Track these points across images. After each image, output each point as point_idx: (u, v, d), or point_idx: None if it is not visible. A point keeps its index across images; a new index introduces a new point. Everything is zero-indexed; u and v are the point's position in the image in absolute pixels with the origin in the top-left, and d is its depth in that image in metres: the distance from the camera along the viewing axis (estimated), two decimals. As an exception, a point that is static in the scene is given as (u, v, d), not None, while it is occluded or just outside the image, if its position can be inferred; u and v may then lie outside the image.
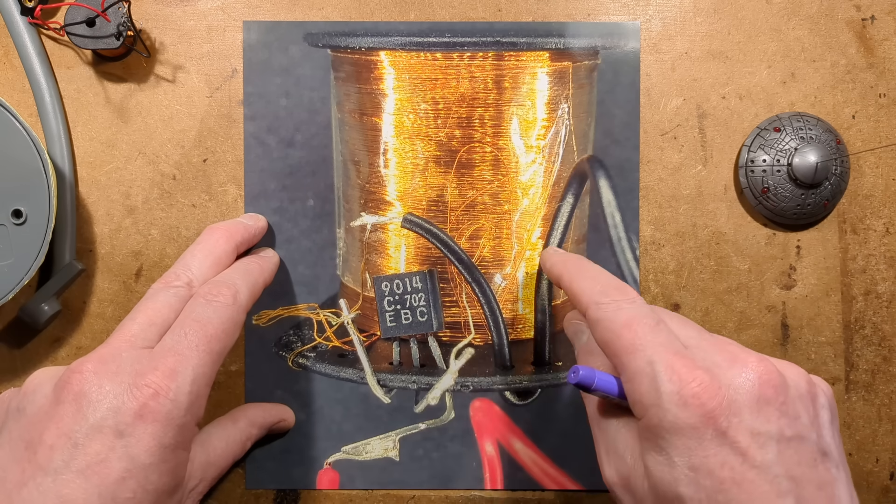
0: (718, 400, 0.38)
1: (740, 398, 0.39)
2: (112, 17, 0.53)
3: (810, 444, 0.40)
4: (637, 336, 0.41)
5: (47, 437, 0.41)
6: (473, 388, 0.58)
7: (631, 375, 0.41)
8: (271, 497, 0.57)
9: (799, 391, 0.41)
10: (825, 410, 0.42)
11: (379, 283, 0.57)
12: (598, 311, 0.44)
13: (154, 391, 0.42)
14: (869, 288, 0.57)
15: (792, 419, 0.39)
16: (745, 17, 0.57)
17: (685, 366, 0.39)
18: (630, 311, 0.43)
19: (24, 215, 0.52)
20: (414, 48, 0.57)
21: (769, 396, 0.39)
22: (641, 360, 0.40)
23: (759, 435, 0.38)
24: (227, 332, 0.47)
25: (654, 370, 0.40)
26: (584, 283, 0.47)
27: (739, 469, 0.38)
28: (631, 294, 0.45)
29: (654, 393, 0.39)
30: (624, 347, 0.42)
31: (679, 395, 0.38)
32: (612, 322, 0.43)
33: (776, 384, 0.40)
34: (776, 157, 0.56)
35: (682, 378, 0.39)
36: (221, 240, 0.52)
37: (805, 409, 0.40)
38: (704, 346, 0.42)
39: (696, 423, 0.38)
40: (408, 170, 0.57)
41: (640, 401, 0.40)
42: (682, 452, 0.38)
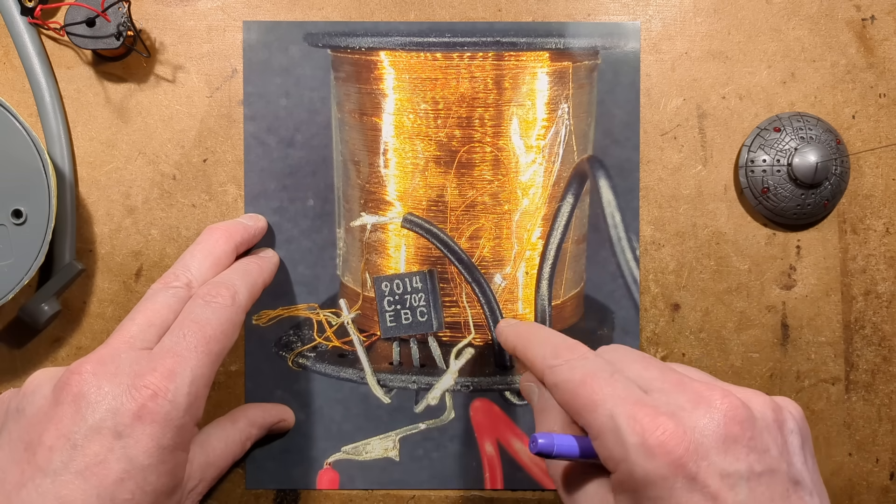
0: (685, 445, 0.38)
1: (707, 440, 0.38)
2: (112, 17, 0.53)
3: (781, 476, 0.39)
4: (594, 391, 0.40)
5: (46, 438, 0.41)
6: (473, 388, 0.58)
7: (596, 432, 0.40)
8: (271, 497, 0.57)
9: (766, 422, 0.40)
10: (794, 436, 0.41)
11: (379, 283, 0.57)
12: (553, 374, 0.43)
13: (153, 392, 0.42)
14: (869, 288, 0.57)
15: (761, 453, 0.39)
16: (745, 17, 0.57)
17: (647, 414, 0.38)
18: (583, 368, 0.42)
19: (24, 215, 0.52)
20: (414, 48, 0.57)
21: (736, 434, 0.38)
22: (603, 416, 0.39)
23: (728, 476, 0.38)
24: (226, 333, 0.47)
25: (616, 423, 0.39)
26: (535, 349, 0.46)
27: None
28: (581, 351, 0.44)
29: (620, 447, 0.38)
30: (584, 406, 0.41)
31: (644, 446, 0.38)
32: (567, 382, 0.42)
33: (742, 419, 0.39)
34: (776, 157, 0.56)
35: (644, 428, 0.38)
36: (221, 240, 0.52)
37: (773, 440, 0.40)
38: (667, 387, 0.41)
39: (664, 472, 0.37)
40: (408, 170, 0.57)
41: (609, 456, 0.39)
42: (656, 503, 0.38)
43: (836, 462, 0.58)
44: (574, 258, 0.58)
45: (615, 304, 0.58)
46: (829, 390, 0.58)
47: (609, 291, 0.58)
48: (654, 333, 0.58)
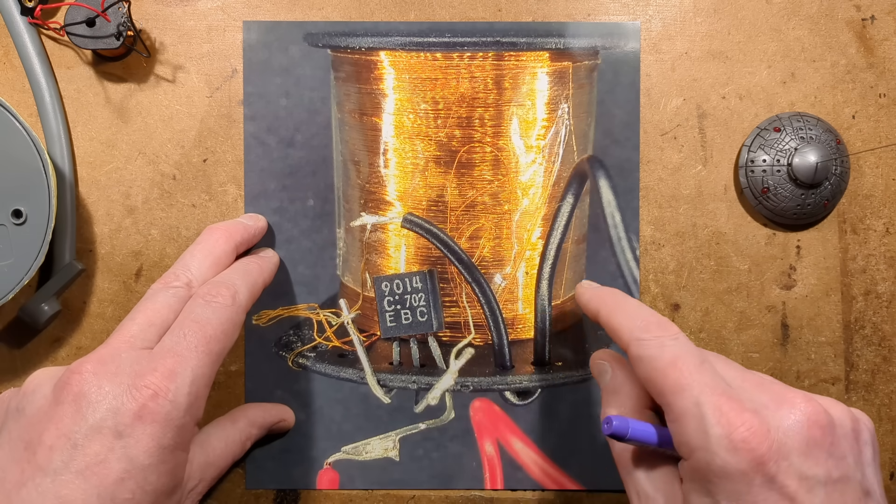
0: (768, 444, 0.38)
1: (789, 441, 0.38)
2: (112, 17, 0.53)
3: (855, 485, 0.40)
4: (683, 375, 0.41)
5: (46, 438, 0.41)
6: (473, 388, 0.58)
7: (677, 415, 0.40)
8: (271, 497, 0.57)
9: (844, 430, 0.41)
10: (868, 447, 0.41)
11: (379, 283, 0.57)
12: (641, 348, 0.43)
13: (153, 392, 0.42)
14: (869, 288, 0.57)
15: (838, 460, 0.39)
16: (745, 17, 0.57)
17: (733, 408, 0.39)
18: (674, 349, 0.42)
19: (24, 215, 0.52)
20: (414, 48, 0.57)
21: (817, 438, 0.39)
22: (688, 401, 0.40)
23: (807, 479, 0.38)
24: (227, 333, 0.47)
25: (701, 412, 0.39)
26: (623, 319, 0.46)
27: None
28: (673, 330, 0.44)
29: (701, 435, 0.39)
30: (670, 387, 0.41)
31: (728, 440, 0.38)
32: (656, 360, 0.42)
33: (824, 425, 0.39)
34: (776, 157, 0.56)
35: (730, 421, 0.38)
36: (221, 240, 0.52)
37: (850, 449, 0.40)
38: (748, 386, 0.41)
39: (745, 468, 0.38)
40: (408, 170, 0.57)
41: (686, 442, 0.40)
42: (730, 496, 0.38)
43: (836, 462, 0.58)
44: (574, 258, 0.58)
45: (615, 304, 0.58)
46: (829, 390, 0.58)
47: (613, 292, 0.58)
48: (654, 333, 0.58)
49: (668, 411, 0.41)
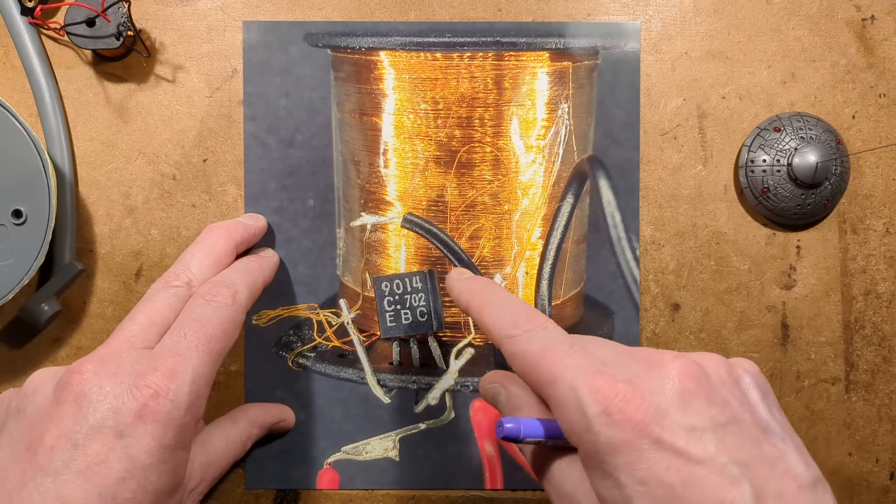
0: (644, 409, 0.37)
1: (665, 400, 0.38)
2: (112, 17, 0.53)
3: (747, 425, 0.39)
4: (554, 363, 0.40)
5: (47, 438, 0.41)
6: (473, 388, 0.58)
7: (557, 405, 0.40)
8: (271, 497, 0.57)
9: (720, 377, 0.40)
10: (753, 389, 0.41)
11: (379, 283, 0.57)
12: (512, 344, 0.43)
13: (154, 392, 0.42)
14: (869, 288, 0.58)
15: (721, 406, 0.39)
16: (745, 17, 0.57)
17: (606, 383, 0.38)
18: (543, 340, 0.42)
19: (24, 215, 0.52)
20: (414, 48, 0.57)
21: (692, 390, 0.39)
22: (564, 388, 0.39)
23: (693, 430, 0.38)
24: (227, 332, 0.47)
25: (577, 395, 0.39)
26: (493, 316, 0.45)
27: (685, 469, 0.37)
28: (541, 320, 0.44)
29: (582, 419, 0.38)
30: (544, 378, 0.41)
31: (606, 415, 0.38)
32: (528, 354, 0.42)
33: (696, 376, 0.39)
34: (776, 157, 0.56)
35: (605, 396, 0.38)
36: (221, 239, 0.52)
37: (732, 394, 0.40)
38: (620, 359, 0.41)
39: (629, 437, 0.37)
40: (408, 170, 0.57)
41: (572, 429, 0.39)
42: (626, 470, 0.37)
43: (836, 462, 0.58)
44: (574, 258, 0.58)
45: (615, 304, 0.58)
46: (829, 390, 0.58)
47: (609, 291, 0.58)
48: (654, 333, 0.58)
49: (550, 404, 0.41)
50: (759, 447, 0.38)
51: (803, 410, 0.57)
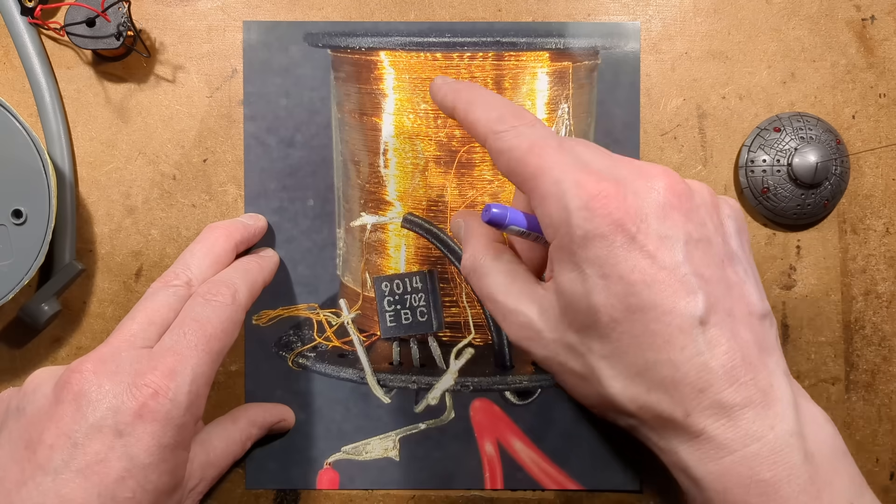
0: (625, 208, 0.39)
1: (646, 206, 0.40)
2: (112, 17, 0.53)
3: (717, 248, 0.41)
4: (542, 158, 0.41)
5: (47, 437, 0.41)
6: (473, 388, 0.58)
7: (540, 199, 0.41)
8: (271, 497, 0.57)
9: (703, 199, 0.42)
10: (730, 220, 0.43)
11: (379, 283, 0.57)
12: (499, 140, 0.44)
13: (153, 391, 0.42)
14: (869, 288, 0.57)
15: (697, 224, 0.40)
16: (745, 17, 0.57)
17: (591, 180, 0.40)
18: (532, 135, 0.43)
19: (24, 215, 0.52)
20: (414, 48, 0.57)
21: (674, 203, 0.40)
22: (548, 182, 0.41)
23: (666, 238, 0.39)
24: (227, 332, 0.47)
25: (561, 189, 0.40)
26: (479, 114, 0.46)
27: (649, 271, 0.39)
28: (529, 118, 0.44)
29: (563, 211, 0.40)
30: (531, 173, 0.42)
31: (587, 209, 0.39)
32: (515, 150, 0.43)
33: (680, 192, 0.41)
34: (776, 157, 0.56)
35: (588, 191, 0.39)
36: (221, 238, 0.52)
37: (710, 217, 0.42)
38: (609, 163, 0.42)
39: (604, 231, 0.39)
40: (408, 170, 0.57)
41: (550, 223, 0.41)
42: (594, 263, 0.39)
43: (836, 462, 0.58)
44: (574, 258, 0.58)
45: (615, 304, 0.58)
46: (829, 390, 0.58)
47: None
48: (654, 333, 0.57)
49: (532, 198, 0.42)
50: (722, 269, 0.41)
51: (803, 410, 0.57)
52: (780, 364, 0.41)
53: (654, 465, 0.56)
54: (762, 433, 0.38)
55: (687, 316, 0.38)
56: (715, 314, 0.39)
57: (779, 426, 0.39)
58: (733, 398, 0.39)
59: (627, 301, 0.39)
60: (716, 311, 0.39)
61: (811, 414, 0.41)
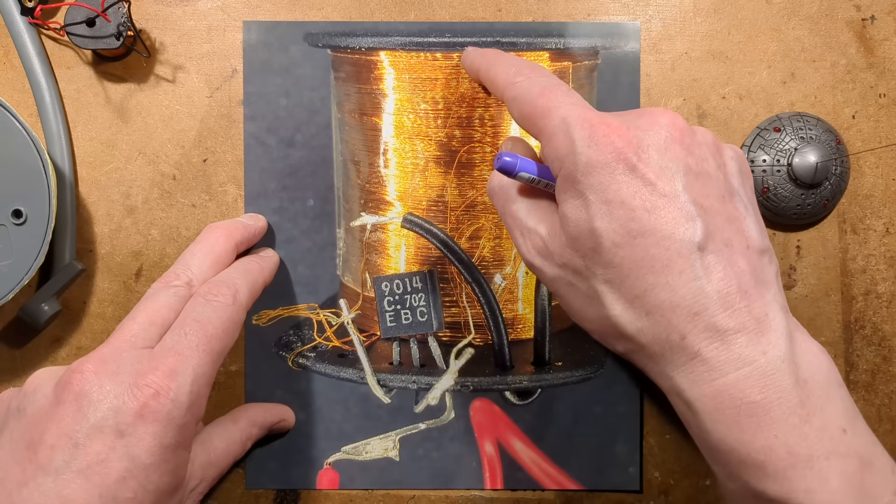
0: (627, 139, 0.41)
1: (648, 138, 0.41)
2: (112, 17, 0.53)
3: (717, 182, 0.42)
4: (550, 100, 0.43)
5: (48, 437, 0.41)
6: (473, 388, 0.58)
7: (549, 136, 0.43)
8: (271, 497, 0.57)
9: (704, 138, 0.44)
10: (732, 161, 0.44)
11: (379, 283, 0.57)
12: (514, 89, 0.46)
13: (154, 391, 0.42)
14: (869, 288, 0.58)
15: (699, 160, 0.42)
16: (745, 17, 0.57)
17: (596, 115, 0.42)
18: (543, 82, 0.45)
19: (24, 215, 0.52)
20: (414, 48, 0.57)
21: (675, 137, 0.42)
22: (556, 119, 0.42)
23: (666, 168, 0.41)
24: (227, 332, 0.47)
25: (567, 124, 0.42)
26: (499, 69, 0.48)
27: (650, 198, 0.40)
28: (544, 71, 0.47)
29: (568, 142, 0.41)
30: (539, 113, 0.44)
31: (591, 138, 0.41)
32: (527, 94, 0.45)
33: (682, 128, 0.42)
34: (776, 157, 0.56)
35: (592, 124, 0.41)
36: (221, 239, 0.52)
37: (711, 155, 0.43)
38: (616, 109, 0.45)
39: (607, 159, 0.40)
40: (408, 170, 0.57)
41: (557, 156, 0.42)
42: (596, 189, 0.41)
43: (836, 462, 0.58)
44: (574, 258, 0.58)
45: (615, 304, 0.58)
46: (829, 390, 0.58)
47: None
48: (655, 333, 0.58)
49: (541, 138, 0.44)
50: (722, 203, 0.42)
51: (803, 410, 0.57)
52: (778, 298, 0.42)
53: (654, 465, 0.56)
54: (754, 357, 0.39)
55: (685, 241, 0.40)
56: (713, 242, 0.40)
57: (771, 352, 0.40)
58: (727, 323, 0.40)
59: (629, 226, 0.40)
60: (713, 239, 0.41)
61: (807, 345, 0.42)
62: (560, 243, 0.43)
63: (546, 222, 0.45)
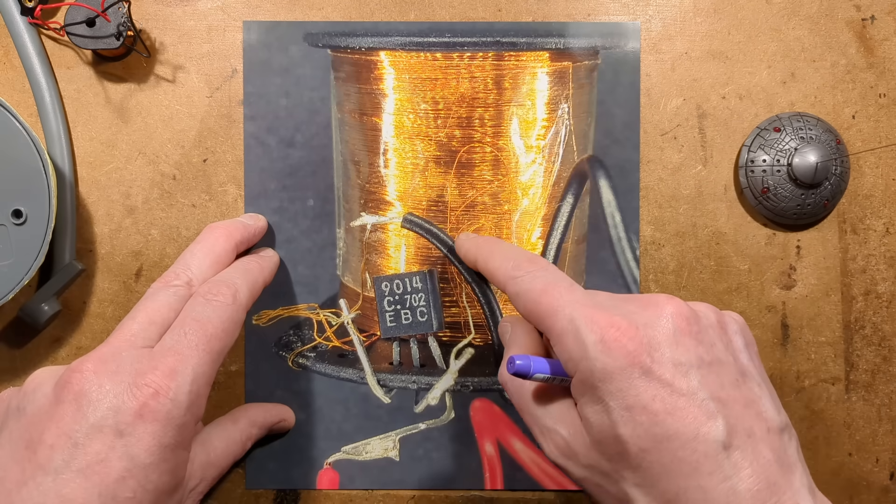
0: (638, 340, 0.41)
1: (658, 334, 0.41)
2: (112, 17, 0.53)
3: (729, 367, 0.42)
4: (555, 298, 0.44)
5: (47, 437, 0.41)
6: (473, 388, 0.58)
7: (557, 336, 0.43)
8: (271, 497, 0.57)
9: (709, 321, 0.43)
10: (738, 336, 0.44)
11: (379, 283, 0.57)
12: (515, 284, 0.47)
13: (154, 391, 0.42)
14: (869, 288, 0.58)
15: (708, 346, 0.42)
16: (745, 17, 0.57)
17: (603, 316, 0.41)
18: (544, 278, 0.46)
19: (24, 215, 0.52)
20: (414, 48, 0.57)
21: (683, 328, 0.42)
22: (564, 320, 0.42)
23: (680, 365, 0.41)
24: (227, 332, 0.47)
25: (575, 326, 0.42)
26: (497, 262, 0.49)
27: (669, 399, 0.40)
28: (542, 263, 0.47)
29: (580, 347, 0.41)
30: (545, 311, 0.44)
31: (602, 343, 0.41)
32: (530, 292, 0.45)
33: (688, 316, 0.42)
34: (776, 157, 0.56)
35: (601, 327, 0.41)
36: (221, 238, 0.52)
37: (718, 337, 0.43)
38: (615, 302, 0.44)
39: (622, 364, 0.40)
40: (408, 170, 0.57)
41: (570, 358, 0.42)
42: (616, 396, 0.40)
43: (836, 462, 0.58)
44: (574, 258, 0.58)
45: (615, 304, 0.58)
46: (829, 390, 0.58)
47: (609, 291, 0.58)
48: (655, 333, 0.58)
49: (550, 336, 0.44)
50: (738, 389, 0.42)
51: (803, 410, 0.57)
52: (804, 480, 0.42)
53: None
54: None
55: (711, 441, 0.39)
56: (736, 437, 0.40)
57: None
58: None
59: (653, 431, 0.40)
60: (736, 432, 0.40)
61: None
62: (584, 444, 0.43)
63: (566, 422, 0.44)
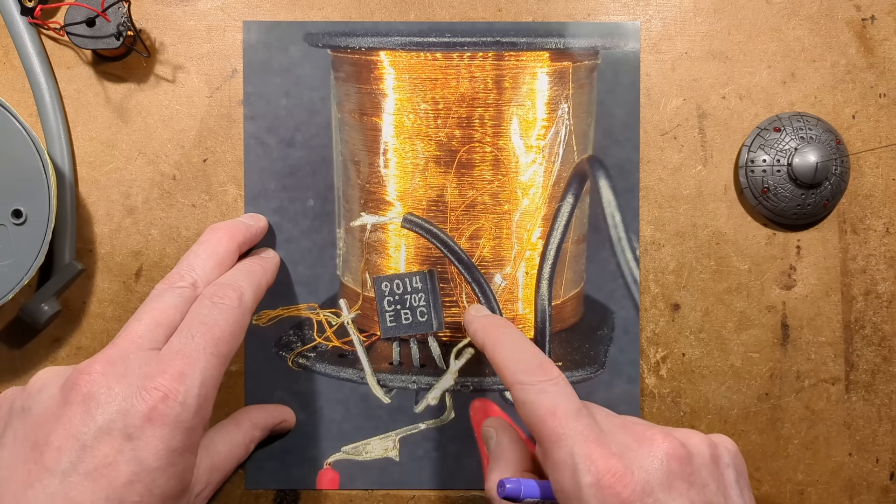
0: (632, 487, 0.41)
1: (651, 478, 0.42)
2: (112, 17, 0.53)
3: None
4: (560, 424, 0.44)
5: (54, 439, 0.41)
6: (473, 388, 0.58)
7: (554, 465, 0.43)
8: (271, 497, 0.57)
9: (703, 459, 0.44)
10: (729, 470, 0.45)
11: (379, 283, 0.57)
12: (523, 392, 0.46)
13: (163, 394, 0.42)
14: (869, 288, 0.58)
15: (700, 488, 0.43)
16: (745, 17, 0.57)
17: (601, 455, 0.42)
18: (553, 397, 0.45)
19: (24, 215, 0.52)
20: (414, 48, 0.57)
21: (677, 471, 0.42)
22: (564, 451, 0.43)
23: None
24: (234, 335, 0.47)
25: (574, 462, 0.42)
26: (506, 359, 0.48)
27: None
28: (553, 373, 0.47)
29: (575, 485, 0.42)
30: (548, 435, 0.44)
31: (597, 487, 0.41)
32: (536, 407, 0.45)
33: (682, 457, 0.43)
34: (776, 157, 0.56)
35: (598, 469, 0.42)
36: (224, 240, 0.52)
37: (711, 476, 0.44)
38: (614, 429, 0.45)
39: None
40: (408, 170, 0.57)
41: (563, 490, 0.43)
42: None
43: (836, 462, 0.58)
44: (574, 258, 0.58)
45: (615, 304, 0.58)
46: (829, 390, 0.58)
47: (609, 291, 0.58)
48: (654, 333, 0.58)
49: (546, 459, 0.44)
50: None
51: (803, 410, 0.58)
52: None
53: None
54: None
55: None
56: None
57: None
58: None
59: None
60: None
61: None
62: None
63: None
